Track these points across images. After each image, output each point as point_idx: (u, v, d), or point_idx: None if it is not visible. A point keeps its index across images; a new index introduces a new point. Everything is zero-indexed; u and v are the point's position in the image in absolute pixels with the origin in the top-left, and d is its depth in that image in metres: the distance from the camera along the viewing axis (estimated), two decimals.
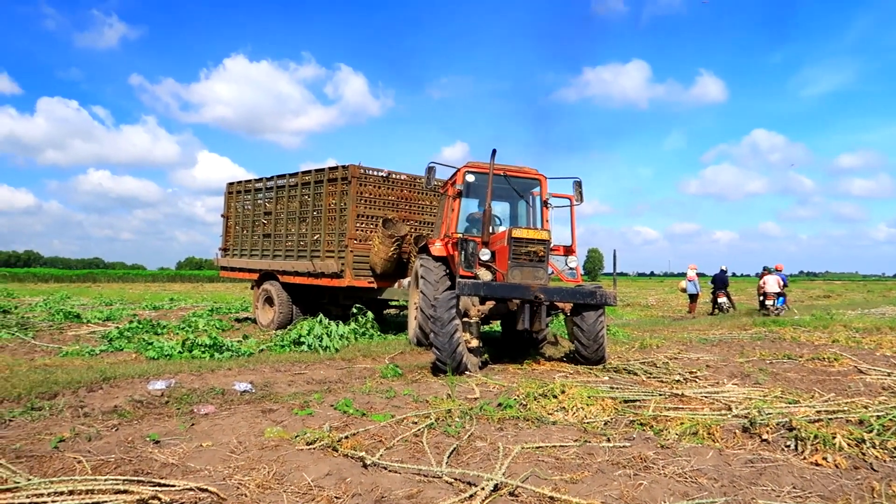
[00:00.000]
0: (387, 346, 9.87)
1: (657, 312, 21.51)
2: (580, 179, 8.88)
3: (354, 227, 11.55)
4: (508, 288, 7.39)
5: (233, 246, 14.88)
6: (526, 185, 9.57)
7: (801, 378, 7.01)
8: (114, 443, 4.23)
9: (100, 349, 9.54)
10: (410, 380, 6.88)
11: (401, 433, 4.51)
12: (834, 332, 11.65)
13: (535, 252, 7.77)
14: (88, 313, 16.13)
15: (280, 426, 4.68)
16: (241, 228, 14.63)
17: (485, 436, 4.53)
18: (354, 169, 11.60)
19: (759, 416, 4.78)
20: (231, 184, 15.13)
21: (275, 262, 13.26)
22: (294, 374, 7.20)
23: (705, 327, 13.68)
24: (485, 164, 8.81)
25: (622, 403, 5.47)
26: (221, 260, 15.26)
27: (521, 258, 7.75)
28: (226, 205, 15.20)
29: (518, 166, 9.34)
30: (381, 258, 11.25)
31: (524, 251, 7.75)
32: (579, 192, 8.91)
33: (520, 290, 7.37)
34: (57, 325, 13.39)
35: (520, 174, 9.32)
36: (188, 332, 11.64)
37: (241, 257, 14.48)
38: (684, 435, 4.49)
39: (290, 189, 13.14)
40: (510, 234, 7.78)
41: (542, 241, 7.84)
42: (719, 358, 8.52)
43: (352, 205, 11.53)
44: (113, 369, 6.97)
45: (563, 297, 7.59)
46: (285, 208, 13.20)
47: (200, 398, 5.77)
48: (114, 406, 5.35)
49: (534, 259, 7.77)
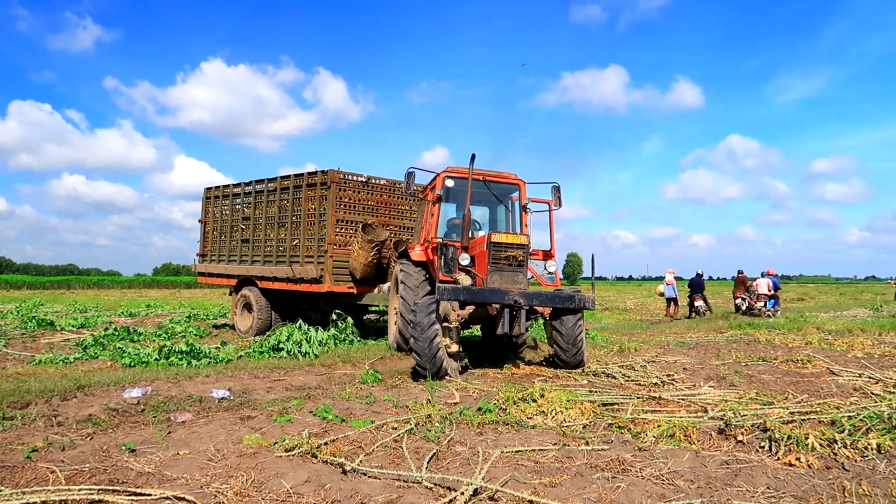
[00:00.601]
0: (367, 351, 9.85)
1: (635, 316, 21.71)
2: (559, 184, 8.98)
3: (334, 233, 11.53)
4: (488, 292, 7.43)
5: (210, 251, 14.75)
6: (505, 189, 9.62)
7: (775, 380, 7.13)
8: (88, 452, 4.17)
9: (74, 357, 9.38)
10: (390, 385, 6.87)
11: (381, 439, 4.50)
12: (807, 334, 11.88)
13: (515, 257, 7.80)
14: (62, 320, 15.84)
15: (258, 433, 4.65)
16: (219, 234, 14.50)
17: (465, 440, 4.54)
18: (334, 174, 11.59)
19: (735, 417, 4.85)
20: (209, 189, 15.01)
21: (253, 268, 13.16)
22: (273, 380, 7.15)
23: (682, 330, 13.85)
24: (464, 169, 8.83)
25: (601, 407, 5.52)
26: (199, 266, 15.11)
27: (500, 263, 7.78)
28: (203, 210, 15.07)
29: (497, 171, 9.41)
30: (361, 263, 11.23)
31: (503, 256, 7.78)
32: (558, 196, 8.99)
33: (499, 294, 7.41)
34: (30, 332, 13.14)
35: (499, 179, 9.38)
36: (165, 338, 11.50)
37: (220, 263, 14.35)
38: (661, 437, 4.55)
39: (269, 194, 13.07)
40: (489, 238, 7.81)
41: (522, 246, 7.88)
42: (696, 361, 8.64)
43: (331, 210, 11.51)
44: (87, 377, 6.86)
45: (542, 302, 7.66)
46: (264, 213, 13.13)
47: (177, 406, 5.71)
48: (88, 415, 5.26)
49: (513, 264, 7.81)
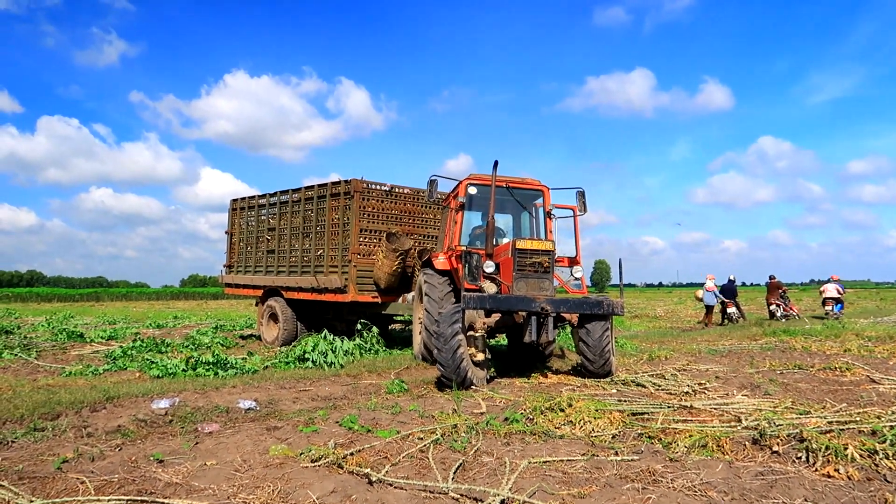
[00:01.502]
0: (392, 361, 9.87)
1: (665, 324, 21.43)
2: (583, 189, 8.89)
3: (358, 242, 11.59)
4: (514, 300, 7.36)
5: (237, 263, 14.96)
6: (529, 196, 9.61)
7: (812, 388, 6.97)
8: (117, 463, 4.25)
9: (103, 368, 9.57)
10: (416, 395, 6.88)
11: (406, 449, 4.51)
12: (846, 341, 11.59)
13: (540, 263, 7.74)
14: (92, 332, 16.18)
15: (285, 444, 4.68)
16: (245, 245, 14.71)
17: (491, 451, 4.52)
18: (357, 183, 11.67)
19: (770, 427, 4.75)
20: (235, 200, 15.25)
21: (279, 278, 13.30)
22: (299, 390, 7.21)
23: (714, 338, 13.62)
24: (487, 176, 8.82)
25: (630, 416, 5.45)
26: (226, 277, 15.33)
27: (525, 269, 7.71)
28: (230, 221, 15.30)
29: (520, 177, 9.38)
30: (386, 272, 11.26)
31: (529, 262, 7.71)
32: (583, 202, 8.90)
33: (525, 301, 7.33)
34: (60, 344, 13.44)
35: (522, 185, 9.35)
36: (192, 349, 11.67)
37: (246, 274, 14.54)
38: (693, 448, 4.48)
39: (294, 204, 13.22)
40: (514, 245, 7.76)
41: (547, 252, 7.81)
42: (729, 369, 8.48)
43: (355, 219, 11.57)
44: (116, 388, 6.99)
45: (569, 308, 7.56)
46: (289, 224, 13.28)
47: (204, 416, 5.78)
48: (117, 426, 5.36)
49: (539, 270, 7.73)
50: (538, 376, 7.96)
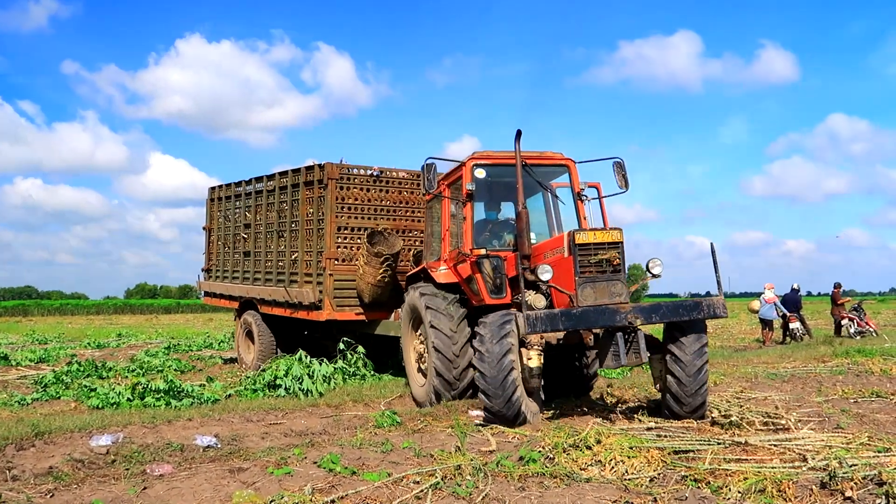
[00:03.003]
0: (382, 388, 9.88)
1: (715, 342, 21.41)
2: (621, 160, 8.40)
3: (334, 244, 10.83)
4: (592, 314, 6.76)
5: (215, 266, 14.50)
6: (550, 174, 9.13)
7: (893, 420, 6.96)
8: None
9: (31, 397, 9.58)
10: (411, 429, 6.87)
11: (400, 495, 4.50)
12: None
13: (609, 260, 7.13)
14: (18, 354, 16.22)
15: (252, 488, 4.68)
16: (222, 244, 14.24)
17: (503, 497, 4.51)
18: (332, 168, 10.93)
19: (842, 468, 4.74)
20: (213, 189, 14.83)
21: (254, 288, 12.71)
22: (269, 424, 7.21)
23: (774, 359, 13.60)
24: (496, 154, 8.62)
25: (671, 455, 5.44)
26: (204, 283, 14.94)
27: (590, 270, 7.10)
28: (208, 215, 14.90)
29: (538, 152, 8.88)
30: (368, 283, 10.49)
31: (595, 261, 7.11)
32: (622, 175, 8.42)
33: (608, 314, 6.78)
34: None
35: (541, 161, 8.86)
36: (139, 374, 11.68)
37: (224, 280, 14.00)
38: (749, 493, 4.47)
39: (269, 195, 12.58)
40: (573, 239, 7.12)
41: (616, 245, 7.23)
42: (792, 397, 8.48)
43: (330, 214, 10.81)
44: (48, 422, 6.98)
45: (663, 316, 7.02)
46: (264, 219, 12.70)
47: (154, 456, 5.77)
48: (48, 467, 5.36)
49: (607, 270, 7.15)
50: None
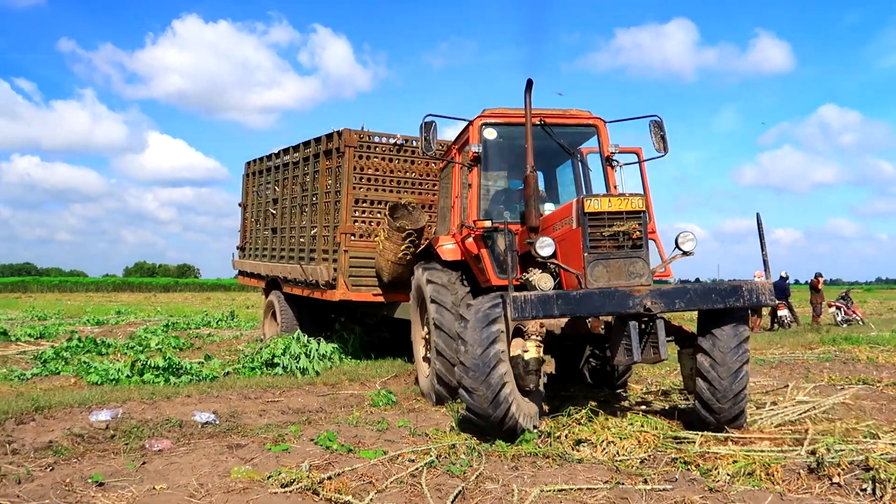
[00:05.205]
0: (378, 367, 9.88)
1: None
2: (660, 118, 6.96)
3: (350, 218, 10.00)
4: (597, 298, 5.38)
5: (249, 244, 14.09)
6: (574, 136, 7.74)
7: (879, 407, 6.98)
8: (48, 485, 4.24)
9: (31, 373, 9.55)
10: (406, 409, 6.89)
11: (395, 473, 4.51)
12: None
13: (627, 233, 5.78)
14: (17, 329, 16.16)
15: (249, 465, 4.68)
16: (254, 221, 13.81)
17: (496, 476, 4.53)
18: (350, 135, 10.06)
19: (829, 453, 4.76)
20: (248, 163, 14.24)
21: (277, 266, 12.16)
22: (266, 401, 7.21)
23: (762, 346, 13.64)
24: (507, 110, 7.33)
25: (663, 438, 5.46)
26: (237, 262, 14.64)
27: (604, 245, 5.77)
28: (243, 190, 14.46)
29: (561, 109, 7.53)
30: (389, 260, 9.43)
31: (608, 234, 5.77)
32: (661, 136, 6.98)
33: (616, 299, 5.39)
34: None
35: (564, 120, 7.47)
36: (138, 351, 11.66)
37: (255, 258, 13.55)
38: (738, 476, 4.48)
39: (294, 167, 11.87)
40: (581, 206, 5.79)
41: (636, 214, 5.84)
42: (779, 383, 8.51)
43: (347, 185, 9.95)
44: (47, 397, 6.98)
45: (689, 302, 5.57)
46: (289, 194, 12.08)
47: (153, 431, 5.78)
48: (48, 441, 5.35)
49: (625, 245, 5.78)
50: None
